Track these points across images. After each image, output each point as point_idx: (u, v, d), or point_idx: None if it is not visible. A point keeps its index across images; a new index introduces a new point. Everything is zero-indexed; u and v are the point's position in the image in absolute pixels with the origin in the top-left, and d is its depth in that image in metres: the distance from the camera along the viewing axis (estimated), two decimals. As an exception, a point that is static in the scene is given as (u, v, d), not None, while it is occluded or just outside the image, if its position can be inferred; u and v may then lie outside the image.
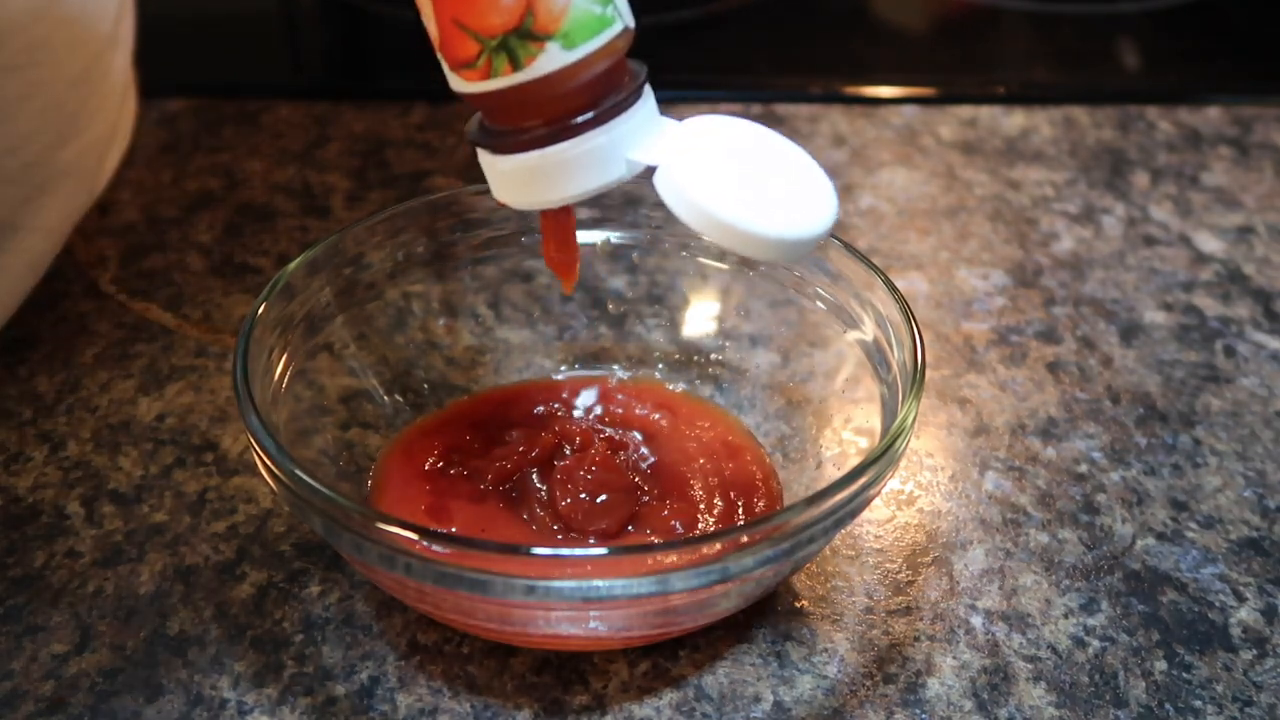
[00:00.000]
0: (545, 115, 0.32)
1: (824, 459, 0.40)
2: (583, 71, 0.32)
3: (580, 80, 0.32)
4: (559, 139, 0.32)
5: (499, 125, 0.33)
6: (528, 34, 0.31)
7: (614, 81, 0.33)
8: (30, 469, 0.42)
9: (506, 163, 0.33)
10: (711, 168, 0.33)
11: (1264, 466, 0.43)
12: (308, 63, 0.75)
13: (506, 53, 0.31)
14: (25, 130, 0.44)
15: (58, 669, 0.36)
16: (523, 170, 0.33)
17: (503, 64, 0.31)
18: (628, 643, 0.37)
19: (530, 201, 0.34)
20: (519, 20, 0.31)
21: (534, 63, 0.31)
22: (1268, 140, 0.63)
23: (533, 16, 0.31)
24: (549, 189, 0.33)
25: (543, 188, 0.33)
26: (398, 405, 0.42)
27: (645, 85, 0.34)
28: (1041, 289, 0.52)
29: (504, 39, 0.31)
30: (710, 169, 0.32)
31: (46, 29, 0.44)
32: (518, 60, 0.31)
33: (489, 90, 0.32)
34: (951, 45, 0.75)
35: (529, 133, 0.33)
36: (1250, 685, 0.36)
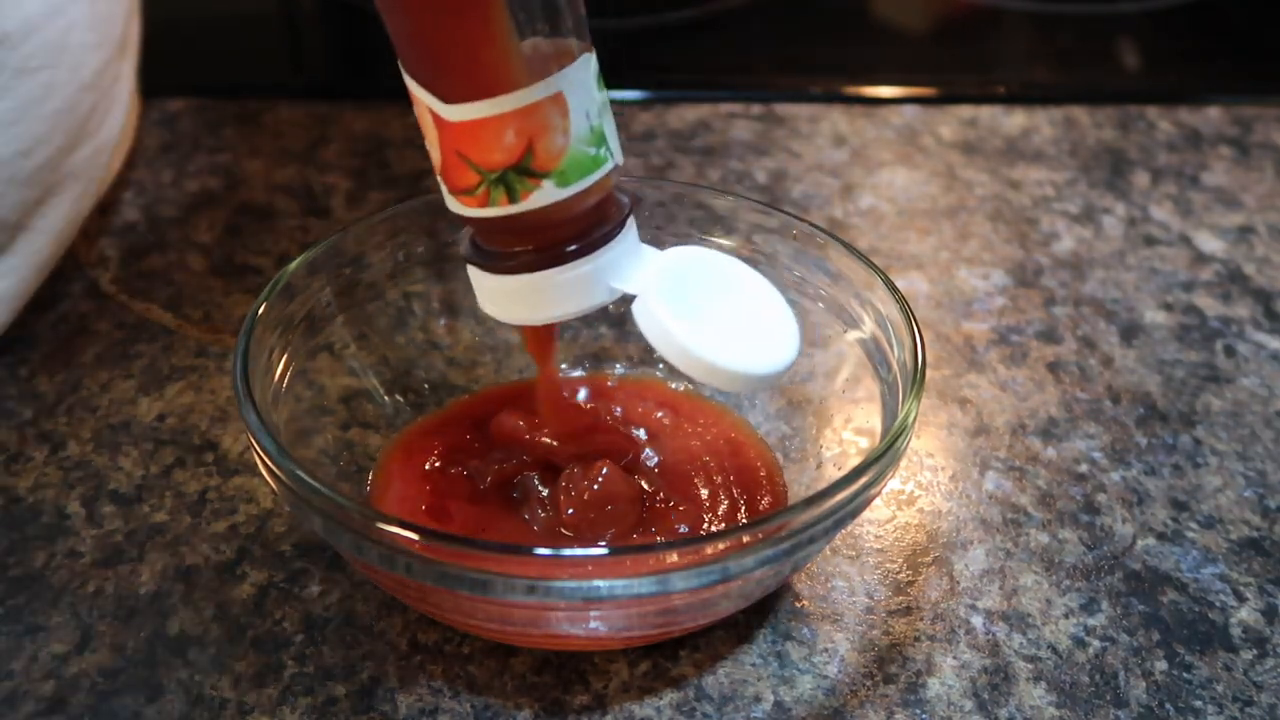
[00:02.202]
0: (535, 242, 0.34)
1: (824, 459, 0.40)
2: (574, 206, 0.33)
3: (571, 214, 0.33)
4: (546, 265, 0.34)
5: (490, 246, 0.35)
6: (526, 171, 0.32)
7: (602, 214, 0.34)
8: (30, 469, 0.42)
9: (495, 281, 0.35)
10: (685, 304, 0.35)
11: (1264, 466, 0.43)
12: (308, 63, 0.75)
13: (504, 186, 0.33)
14: (39, 133, 0.44)
15: (58, 669, 0.36)
16: (510, 291, 0.35)
17: (500, 196, 0.33)
18: (628, 643, 0.37)
19: (514, 318, 0.36)
20: (519, 158, 0.32)
21: (529, 197, 0.33)
22: (1268, 140, 0.63)
23: (532, 156, 0.32)
24: (534, 309, 0.35)
25: (528, 308, 0.35)
26: (398, 405, 0.42)
27: (629, 216, 0.35)
28: (1042, 289, 0.52)
29: (503, 174, 0.32)
30: (683, 305, 0.34)
31: (61, 32, 0.44)
32: (514, 194, 0.33)
33: (485, 216, 0.33)
34: (951, 45, 0.75)
35: (518, 258, 0.34)
36: (1251, 685, 0.36)
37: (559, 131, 0.32)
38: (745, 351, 0.34)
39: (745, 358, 0.34)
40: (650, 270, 0.35)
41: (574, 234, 0.34)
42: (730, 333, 0.35)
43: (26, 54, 0.43)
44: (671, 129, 0.62)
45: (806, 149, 0.61)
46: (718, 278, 0.36)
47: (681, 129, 0.62)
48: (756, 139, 0.62)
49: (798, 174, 0.59)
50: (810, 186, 0.58)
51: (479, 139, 0.32)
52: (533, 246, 0.34)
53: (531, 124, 0.32)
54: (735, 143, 0.61)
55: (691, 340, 0.34)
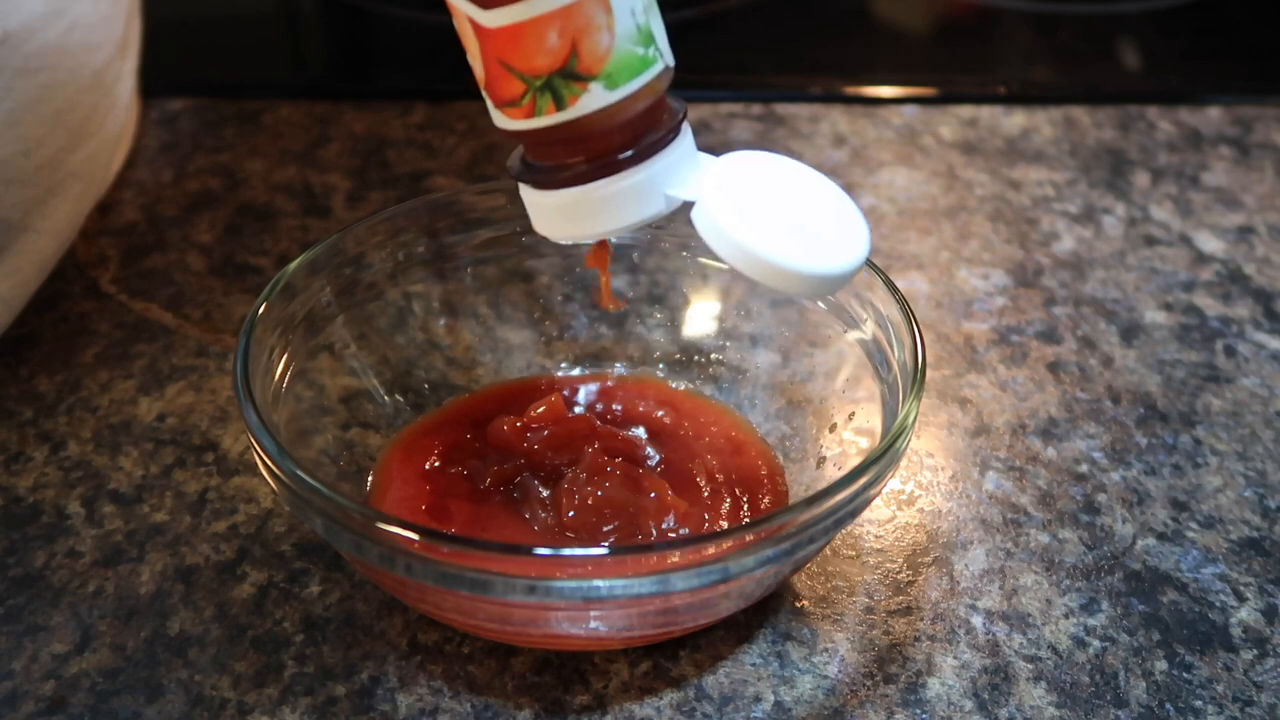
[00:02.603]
0: (587, 152, 0.33)
1: (824, 459, 0.40)
2: (624, 110, 0.32)
3: (622, 119, 0.32)
4: (599, 175, 0.33)
5: (541, 161, 0.34)
6: (572, 74, 0.31)
7: (654, 119, 0.33)
8: (31, 469, 0.42)
9: (548, 198, 0.34)
10: (746, 204, 0.33)
11: (1264, 466, 0.43)
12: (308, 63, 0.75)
13: (551, 92, 0.32)
14: (39, 133, 0.44)
15: (58, 669, 0.36)
16: (564, 206, 0.34)
17: (547, 103, 0.32)
18: (628, 643, 0.37)
19: (570, 235, 0.35)
20: (564, 61, 0.31)
21: (577, 102, 0.32)
22: (1268, 140, 0.63)
23: (577, 58, 0.31)
24: (588, 224, 0.34)
25: (582, 223, 0.34)
26: (398, 405, 0.42)
27: (684, 122, 0.34)
28: (1042, 289, 0.52)
29: (549, 79, 0.32)
30: (745, 205, 0.33)
31: (62, 33, 0.44)
32: (562, 100, 0.32)
33: (533, 128, 0.33)
34: (951, 45, 0.75)
35: (570, 169, 0.33)
36: (1251, 685, 0.36)
37: (604, 30, 0.31)
38: (810, 251, 0.33)
39: (810, 257, 0.33)
40: (708, 175, 0.34)
41: (626, 141, 0.33)
42: (794, 233, 0.33)
43: (28, 54, 0.43)
44: (671, 129, 0.62)
45: (806, 149, 0.61)
46: (780, 180, 0.35)
47: (681, 129, 0.62)
48: (756, 139, 0.62)
49: (798, 174, 0.59)
50: (810, 186, 0.58)
51: (521, 44, 0.31)
52: (584, 157, 0.33)
53: (574, 23, 0.31)
54: (735, 143, 0.61)
55: (754, 240, 0.32)
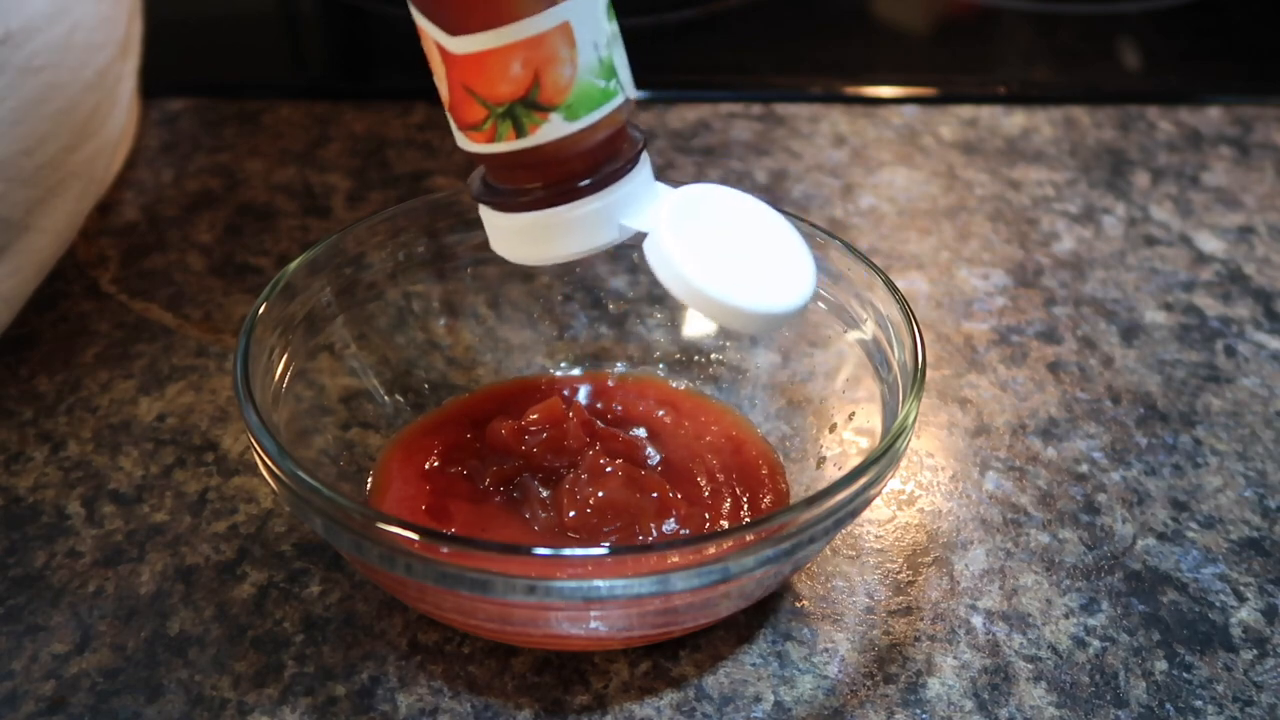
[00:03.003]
0: (545, 178, 0.34)
1: (824, 459, 0.40)
2: (583, 140, 0.33)
3: (580, 148, 0.33)
4: (556, 202, 0.34)
5: (501, 184, 0.34)
6: (533, 104, 0.32)
7: (613, 149, 0.34)
8: (31, 469, 0.42)
9: (505, 220, 0.35)
10: (696, 239, 0.34)
11: (1264, 466, 0.43)
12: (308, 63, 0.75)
13: (512, 120, 0.32)
14: (41, 132, 0.44)
15: (58, 669, 0.36)
16: (520, 229, 0.35)
17: (507, 130, 0.32)
18: (628, 643, 0.37)
19: (525, 257, 0.35)
20: (526, 91, 0.32)
21: (537, 131, 0.32)
22: (1268, 140, 0.63)
23: (539, 88, 0.32)
24: (543, 248, 0.35)
25: (537, 246, 0.35)
26: (398, 405, 0.42)
27: (643, 152, 0.35)
28: (1042, 289, 0.52)
29: (510, 107, 0.32)
30: (695, 240, 0.34)
31: (64, 32, 0.44)
32: (522, 128, 0.32)
33: (493, 152, 0.33)
34: (951, 45, 0.75)
35: (528, 194, 0.34)
36: (1251, 685, 0.36)
37: (566, 63, 0.31)
38: (758, 289, 0.34)
39: (758, 295, 0.33)
40: (663, 207, 0.34)
41: (584, 170, 0.33)
42: (744, 270, 0.34)
43: (29, 54, 0.43)
44: (671, 129, 0.62)
45: (806, 149, 0.61)
46: (733, 215, 0.35)
47: (681, 129, 0.62)
48: (756, 139, 0.62)
49: (798, 174, 0.59)
50: (810, 186, 0.58)
51: (485, 71, 0.32)
52: (542, 183, 0.33)
53: (538, 54, 0.31)
54: (735, 143, 0.61)
55: (701, 278, 0.33)
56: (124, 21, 0.51)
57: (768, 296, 0.34)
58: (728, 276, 0.33)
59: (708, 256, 0.34)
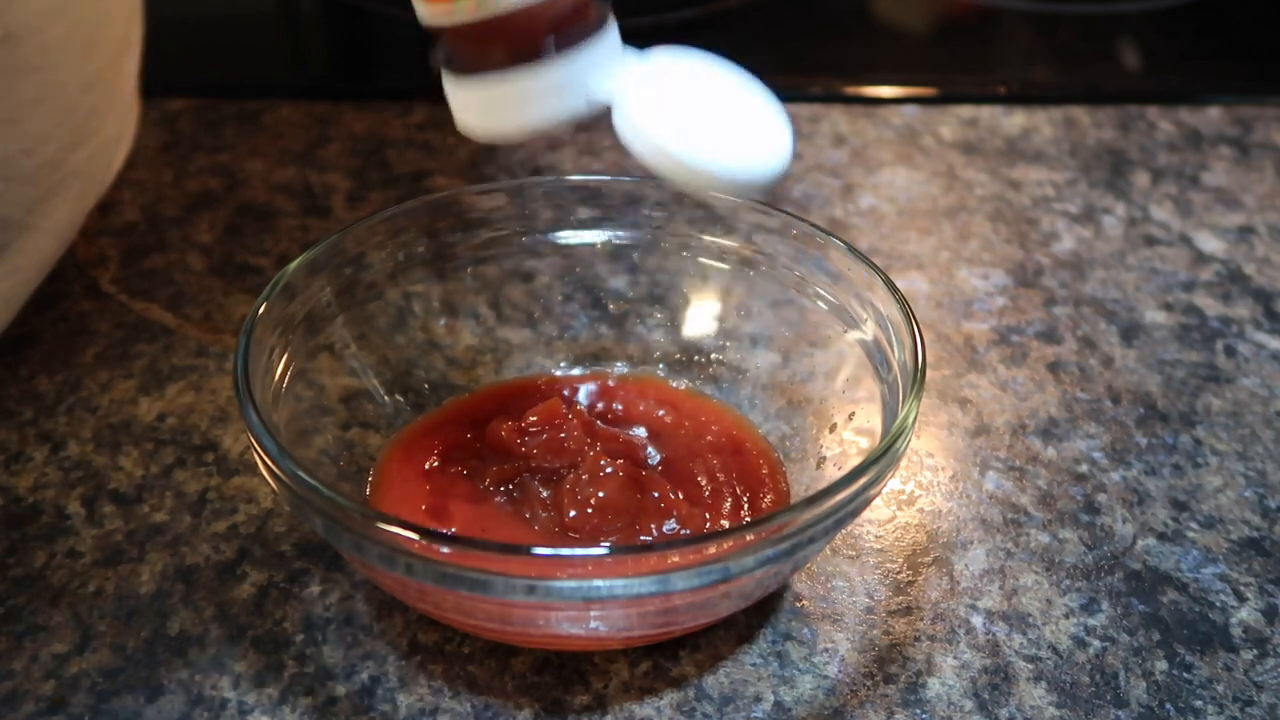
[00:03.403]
0: (508, 44, 0.33)
1: (824, 459, 0.40)
2: (545, 10, 0.32)
3: (543, 13, 0.32)
4: (519, 65, 0.33)
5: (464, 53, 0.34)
6: None
7: (577, 15, 0.33)
8: (31, 469, 0.42)
9: (468, 90, 0.34)
10: (666, 105, 0.33)
11: (1264, 466, 0.43)
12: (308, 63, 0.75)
13: None
14: (40, 131, 0.44)
15: (58, 669, 0.36)
16: (485, 98, 0.34)
17: None
18: (628, 643, 0.37)
19: (490, 128, 0.34)
20: None
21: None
22: (1268, 140, 0.63)
23: None
24: (508, 116, 0.34)
25: (502, 116, 0.34)
26: (398, 405, 0.42)
27: (609, 19, 0.34)
28: (1042, 289, 0.52)
29: None
30: (665, 106, 0.33)
31: (63, 31, 0.44)
32: None
33: (454, 23, 0.32)
34: (951, 45, 0.75)
35: (491, 59, 0.33)
36: (1251, 685, 0.36)
37: None
38: (735, 152, 0.33)
39: (732, 159, 0.33)
40: (631, 74, 0.34)
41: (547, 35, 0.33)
42: (718, 134, 0.33)
43: (29, 52, 0.43)
44: (671, 129, 0.62)
45: (806, 149, 0.61)
46: (705, 79, 0.34)
47: (681, 129, 0.62)
48: (756, 139, 0.62)
49: (798, 174, 0.59)
50: (810, 186, 0.58)
51: None
52: (505, 52, 0.33)
53: None
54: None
55: (671, 142, 0.32)
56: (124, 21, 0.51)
57: (744, 158, 0.33)
58: (700, 141, 0.33)
59: (679, 121, 0.33)
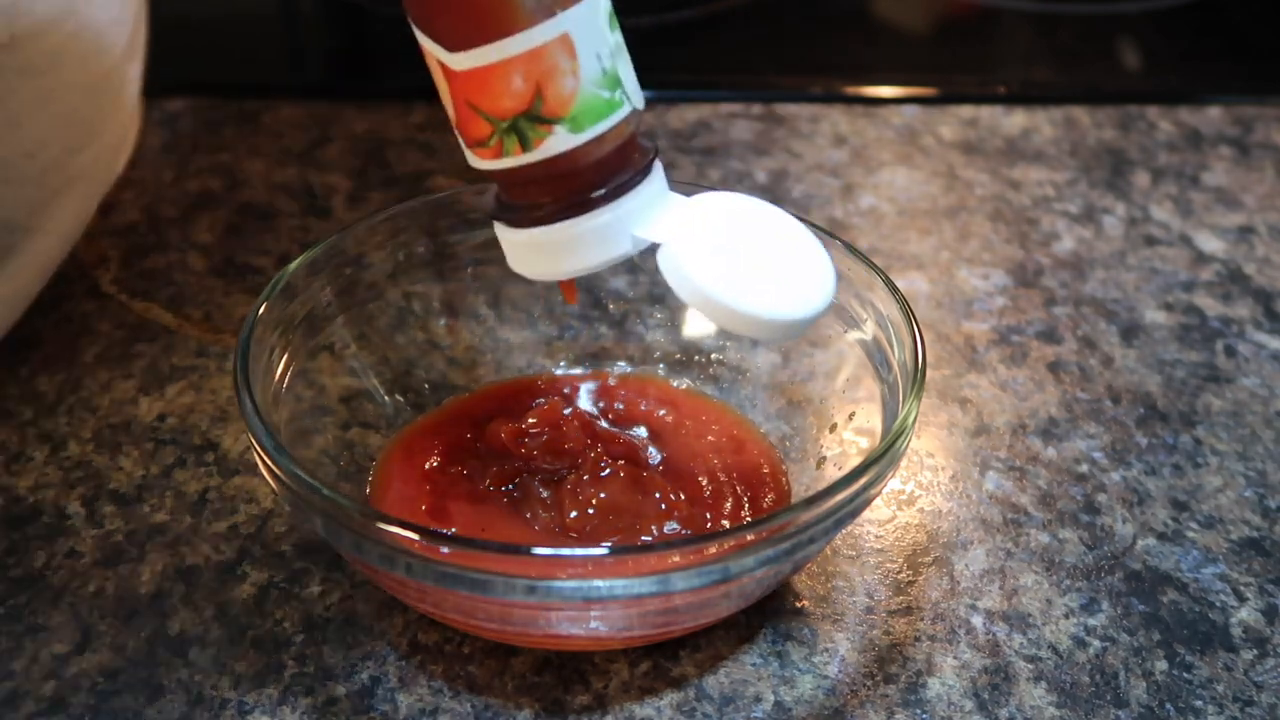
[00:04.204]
0: (555, 192, 0.33)
1: (825, 459, 0.40)
2: (590, 152, 0.33)
3: (588, 160, 0.33)
4: (567, 215, 0.33)
5: (512, 199, 0.34)
6: (537, 117, 0.32)
7: (622, 160, 0.34)
8: (31, 469, 0.42)
9: (519, 235, 0.35)
10: (711, 248, 0.34)
11: (1265, 466, 0.43)
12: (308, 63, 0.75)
13: (517, 134, 0.32)
14: (43, 135, 0.44)
15: (58, 669, 0.36)
16: (533, 244, 0.34)
17: (513, 145, 0.32)
18: (628, 642, 0.37)
19: (541, 273, 0.35)
20: (529, 104, 0.32)
21: (543, 144, 0.32)
22: (1268, 140, 0.63)
23: (542, 101, 0.32)
24: (557, 263, 0.35)
25: (552, 261, 0.35)
26: (398, 405, 0.42)
27: (655, 162, 0.35)
28: (1042, 289, 0.52)
29: (514, 121, 0.32)
30: (710, 250, 0.34)
31: (67, 35, 0.44)
32: (527, 141, 0.32)
33: (501, 168, 0.33)
34: (951, 45, 0.75)
35: (539, 208, 0.34)
36: (1251, 685, 0.36)
37: (568, 74, 0.31)
38: (774, 296, 0.33)
39: (774, 302, 0.33)
40: (676, 217, 0.34)
41: (594, 182, 0.33)
42: (759, 277, 0.34)
43: (34, 56, 0.43)
44: (672, 129, 0.62)
45: (807, 149, 0.61)
46: (748, 222, 0.35)
47: (681, 129, 0.62)
48: (756, 139, 0.62)
49: (798, 174, 0.59)
50: (811, 186, 0.58)
51: (486, 86, 0.32)
52: (552, 197, 0.33)
53: (539, 67, 0.31)
54: (735, 143, 0.61)
55: (714, 286, 0.33)
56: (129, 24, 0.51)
57: (784, 303, 0.33)
58: (742, 284, 0.33)
59: (721, 265, 0.33)
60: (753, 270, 0.34)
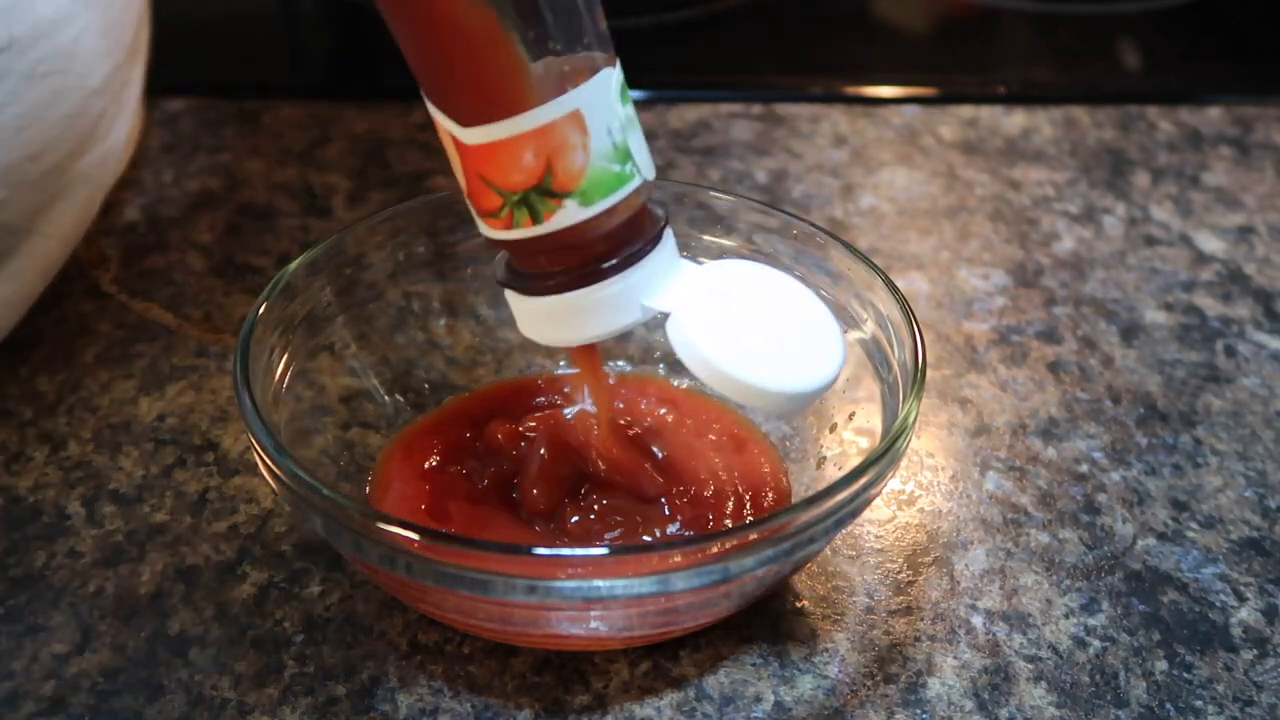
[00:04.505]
0: (565, 262, 0.34)
1: (825, 459, 0.40)
2: (600, 225, 0.33)
3: (597, 232, 0.33)
4: (577, 285, 0.34)
5: (523, 267, 0.35)
6: (547, 191, 0.32)
7: (633, 230, 0.34)
8: (31, 469, 0.42)
9: (529, 303, 0.35)
10: (720, 319, 0.34)
11: (1265, 466, 0.43)
12: (308, 63, 0.75)
13: (527, 207, 0.32)
14: (48, 137, 0.44)
15: (58, 669, 0.36)
16: (544, 312, 0.35)
17: (524, 217, 0.32)
18: (628, 642, 0.37)
19: (551, 340, 0.35)
20: (539, 179, 0.32)
21: (553, 217, 0.32)
22: (1268, 140, 0.63)
23: (552, 176, 0.32)
24: (568, 330, 0.35)
25: (562, 329, 0.35)
26: (398, 405, 0.42)
27: (665, 230, 0.35)
28: (1042, 289, 0.52)
29: (525, 195, 0.32)
30: (718, 321, 0.34)
31: (72, 38, 0.44)
32: (538, 215, 0.32)
33: (512, 239, 0.33)
34: (951, 45, 0.75)
35: (549, 278, 0.34)
36: (1251, 685, 0.36)
37: (579, 149, 0.32)
38: (783, 368, 0.33)
39: (782, 375, 0.33)
40: (685, 287, 0.34)
41: (604, 252, 0.33)
42: (768, 349, 0.34)
43: (36, 59, 0.42)
44: (671, 129, 0.62)
45: (807, 149, 0.61)
46: (759, 290, 0.35)
47: (681, 129, 0.62)
48: (756, 139, 0.62)
49: (798, 174, 0.59)
50: (811, 186, 0.58)
51: (497, 161, 0.32)
52: (562, 267, 0.34)
53: (549, 143, 0.31)
54: (735, 143, 0.61)
55: (722, 359, 0.33)
56: (132, 27, 0.51)
57: (792, 375, 0.33)
58: (750, 356, 0.33)
59: (730, 336, 0.34)
60: (760, 342, 0.34)
